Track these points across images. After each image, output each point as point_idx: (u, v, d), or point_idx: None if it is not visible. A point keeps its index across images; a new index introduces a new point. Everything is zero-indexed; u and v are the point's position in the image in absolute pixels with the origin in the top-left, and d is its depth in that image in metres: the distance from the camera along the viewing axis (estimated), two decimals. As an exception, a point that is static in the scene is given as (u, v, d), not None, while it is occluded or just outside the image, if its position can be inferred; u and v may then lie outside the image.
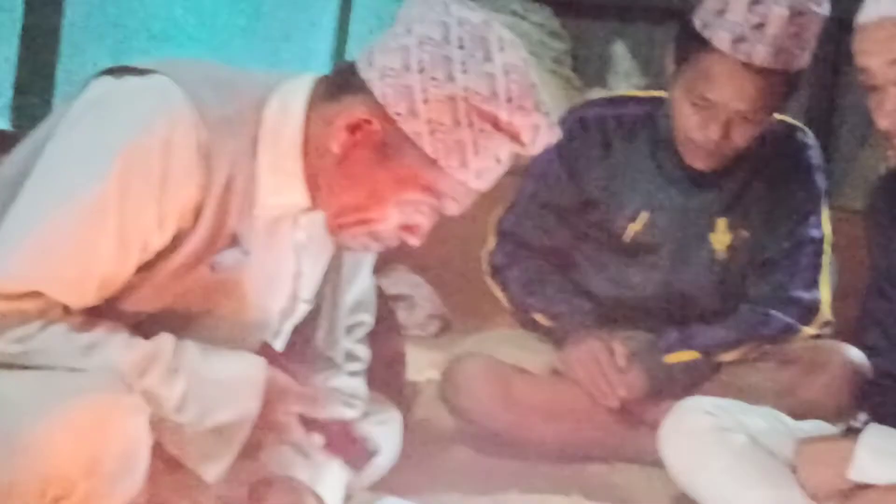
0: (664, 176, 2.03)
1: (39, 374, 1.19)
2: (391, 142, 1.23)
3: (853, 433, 1.54)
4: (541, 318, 2.06)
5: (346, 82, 1.27)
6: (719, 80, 1.82)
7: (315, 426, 1.35)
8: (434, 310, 2.99)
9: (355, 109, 1.24)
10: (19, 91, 1.93)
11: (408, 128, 1.22)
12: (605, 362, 1.96)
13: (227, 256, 1.28)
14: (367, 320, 1.62)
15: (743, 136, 1.89)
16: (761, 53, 1.79)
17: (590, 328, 2.02)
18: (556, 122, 1.29)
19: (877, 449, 1.47)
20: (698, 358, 1.99)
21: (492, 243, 2.15)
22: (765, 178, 2.02)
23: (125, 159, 1.19)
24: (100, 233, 1.20)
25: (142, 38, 2.07)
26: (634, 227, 2.04)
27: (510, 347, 2.04)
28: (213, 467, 1.29)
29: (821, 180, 2.05)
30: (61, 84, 1.92)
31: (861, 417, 1.72)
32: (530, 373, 2.01)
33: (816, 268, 2.02)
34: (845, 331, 2.00)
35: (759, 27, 1.78)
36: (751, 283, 2.05)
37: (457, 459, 1.96)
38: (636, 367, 1.97)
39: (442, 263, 3.02)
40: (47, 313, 1.21)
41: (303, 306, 1.45)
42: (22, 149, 1.32)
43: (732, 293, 2.07)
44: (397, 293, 2.97)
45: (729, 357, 2.00)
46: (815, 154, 2.06)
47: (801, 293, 2.01)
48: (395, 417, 1.73)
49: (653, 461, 1.84)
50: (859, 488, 1.49)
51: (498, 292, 2.13)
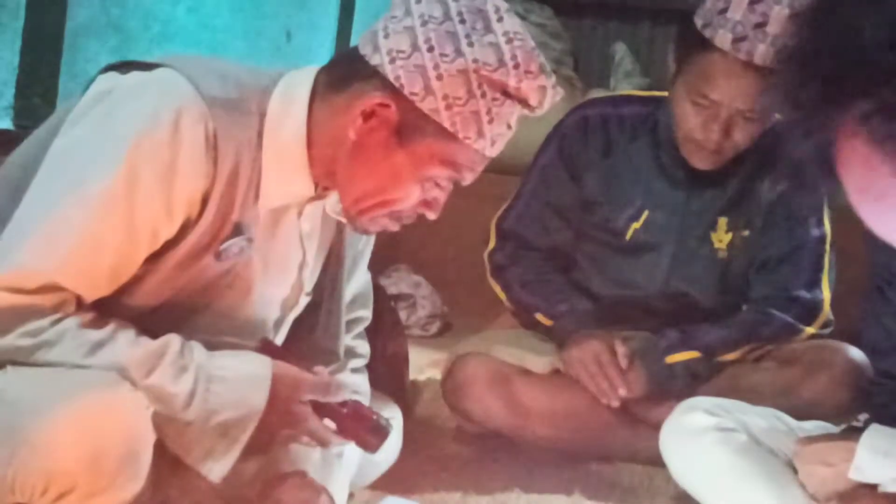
0: (665, 175, 2.03)
1: (43, 371, 1.20)
2: (408, 122, 1.26)
3: (854, 433, 1.54)
4: (542, 318, 2.06)
5: (351, 71, 1.29)
6: (720, 79, 1.82)
7: (326, 411, 1.34)
8: (435, 309, 2.99)
9: (370, 96, 1.26)
10: (21, 92, 1.93)
11: (425, 106, 1.25)
12: (607, 362, 1.96)
13: (231, 246, 1.30)
14: (365, 315, 1.64)
15: (744, 136, 1.89)
16: (762, 52, 1.79)
17: (591, 328, 2.02)
18: (558, 84, 1.32)
19: (877, 449, 1.47)
20: (699, 357, 1.99)
21: (493, 243, 2.16)
22: (766, 177, 2.02)
23: (135, 150, 1.21)
24: (111, 223, 1.21)
25: (144, 39, 2.06)
26: (635, 227, 2.04)
27: (511, 347, 2.04)
28: (216, 467, 1.30)
29: (822, 180, 2.04)
30: (64, 85, 1.92)
31: (862, 417, 1.72)
32: (532, 372, 2.02)
33: (818, 267, 2.03)
34: (846, 330, 2.01)
35: (759, 26, 1.78)
36: (752, 282, 2.06)
37: (458, 459, 1.96)
38: (637, 366, 1.98)
39: (443, 263, 3.02)
40: (60, 308, 1.22)
41: (305, 297, 1.47)
42: (26, 147, 1.33)
43: (733, 293, 2.08)
44: (398, 293, 2.98)
45: (730, 357, 2.01)
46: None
47: (803, 293, 2.02)
48: (396, 416, 1.73)
49: (654, 460, 1.84)
50: (860, 488, 1.49)
51: (499, 292, 2.13)
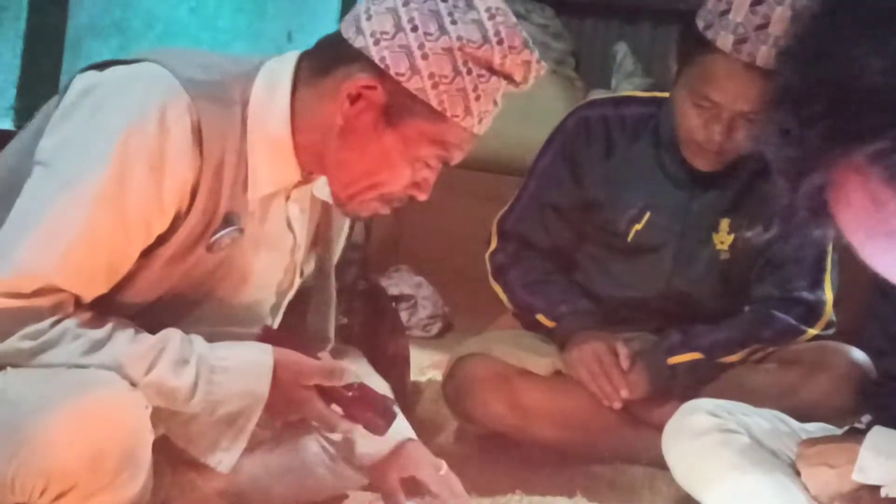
0: (667, 176, 2.03)
1: (43, 371, 1.20)
2: (396, 103, 1.27)
3: (857, 435, 1.54)
4: (543, 319, 2.06)
5: (335, 55, 1.29)
6: (722, 80, 1.82)
7: (332, 396, 1.34)
8: (436, 310, 2.99)
9: (355, 78, 1.26)
10: (23, 92, 1.93)
11: (411, 85, 1.25)
12: (608, 363, 1.96)
13: (223, 237, 1.30)
14: None
15: (745, 137, 1.89)
16: (763, 54, 1.78)
17: (592, 329, 2.02)
18: (543, 62, 1.33)
19: (880, 450, 1.47)
20: (701, 359, 1.98)
21: (494, 244, 2.15)
22: (768, 178, 2.01)
23: (124, 145, 1.20)
24: (105, 220, 1.21)
25: (146, 39, 2.07)
26: (637, 228, 2.04)
27: (512, 348, 2.04)
28: (225, 458, 1.30)
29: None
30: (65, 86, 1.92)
31: (865, 419, 1.72)
32: (533, 374, 2.01)
33: (820, 268, 2.02)
34: (848, 331, 2.00)
35: (761, 28, 1.78)
36: (754, 283, 2.06)
37: (459, 460, 1.95)
38: (639, 367, 1.97)
39: (444, 264, 3.02)
40: (59, 309, 1.22)
41: (299, 280, 1.47)
42: (9, 151, 1.33)
43: (736, 294, 2.08)
44: (399, 294, 2.98)
45: (732, 358, 2.00)
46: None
47: (805, 294, 2.01)
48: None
49: (656, 462, 1.84)
50: (863, 490, 1.49)
51: (500, 293, 2.13)
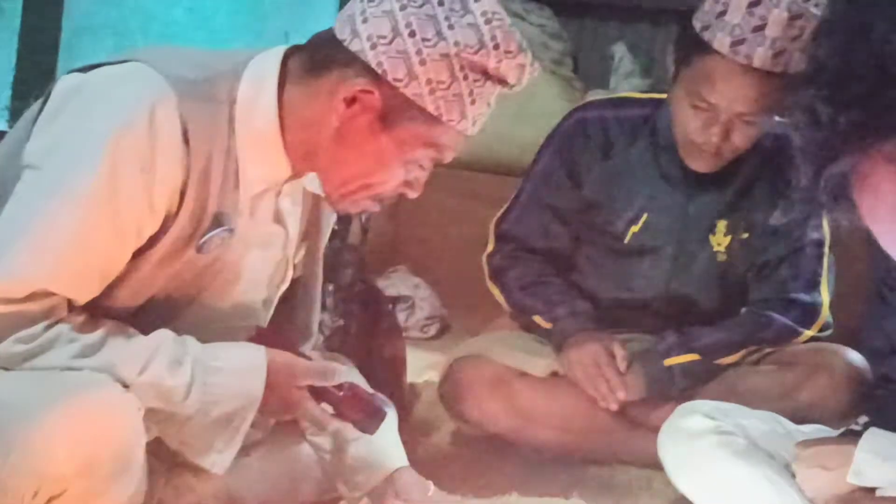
0: (665, 178, 2.02)
1: (35, 374, 1.20)
2: (392, 107, 1.27)
3: (853, 437, 1.54)
4: (540, 321, 2.06)
5: (329, 56, 1.29)
6: (719, 82, 1.82)
7: (322, 395, 1.34)
8: (434, 311, 2.99)
9: (351, 82, 1.26)
10: (18, 93, 1.93)
11: (409, 91, 1.26)
12: (605, 364, 1.96)
13: (212, 238, 1.30)
14: None
15: (743, 138, 1.88)
16: (761, 56, 1.78)
17: (590, 330, 2.02)
18: (535, 61, 1.33)
19: (876, 452, 1.47)
20: (698, 360, 1.98)
21: (491, 245, 2.15)
22: (765, 179, 2.02)
23: (113, 146, 1.20)
24: (97, 222, 1.21)
25: (141, 39, 2.06)
26: (634, 230, 2.04)
27: (510, 349, 2.03)
28: (220, 459, 1.30)
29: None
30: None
31: (861, 421, 1.72)
32: (530, 375, 2.01)
33: (817, 270, 2.02)
34: (845, 333, 2.00)
35: (758, 29, 1.78)
36: (751, 284, 2.05)
37: (456, 462, 1.95)
38: (636, 369, 1.97)
39: (442, 265, 3.02)
40: (52, 313, 1.22)
41: (291, 273, 1.48)
42: None
43: (733, 295, 2.07)
44: (397, 294, 2.97)
45: (729, 359, 2.00)
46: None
47: (802, 295, 2.01)
48: (391, 418, 1.73)
49: (652, 463, 1.84)
50: (858, 492, 1.49)
51: (497, 294, 2.13)
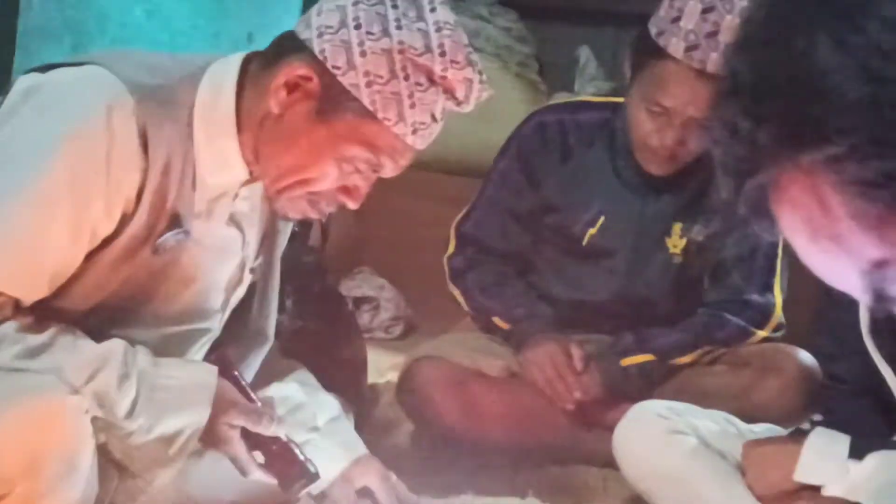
0: (621, 181, 2.05)
1: None
2: (330, 97, 1.27)
3: (801, 436, 1.56)
4: (499, 322, 2.08)
5: (280, 49, 1.30)
6: (674, 86, 1.84)
7: (256, 443, 1.34)
8: (398, 312, 2.99)
9: (294, 67, 1.27)
10: (-26, 93, 1.92)
11: (346, 80, 1.26)
12: (562, 365, 1.98)
13: (168, 238, 1.30)
14: None
15: (698, 142, 1.91)
16: (714, 61, 1.80)
17: (548, 331, 2.04)
18: (489, 81, 1.32)
19: (821, 451, 1.49)
20: (654, 360, 2.01)
21: (452, 247, 2.17)
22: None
23: (69, 149, 1.20)
24: (51, 224, 1.21)
25: (100, 40, 2.05)
26: (592, 232, 2.06)
27: (467, 350, 2.05)
28: (163, 473, 1.30)
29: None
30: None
31: (816, 419, 1.75)
32: (487, 376, 2.03)
33: (770, 271, 2.05)
34: (798, 334, 2.03)
35: (712, 35, 1.80)
36: (706, 286, 2.08)
37: (413, 462, 1.96)
38: (592, 369, 1.99)
39: (407, 266, 3.03)
40: None
41: (248, 276, 1.48)
42: None
43: (689, 296, 2.10)
44: (362, 295, 2.98)
45: (684, 360, 2.03)
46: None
47: (756, 296, 2.04)
48: (350, 418, 1.74)
49: (608, 463, 1.86)
50: (804, 490, 1.51)
51: (458, 296, 2.14)
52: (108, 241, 1.26)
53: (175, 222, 1.29)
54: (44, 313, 1.26)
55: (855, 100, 0.57)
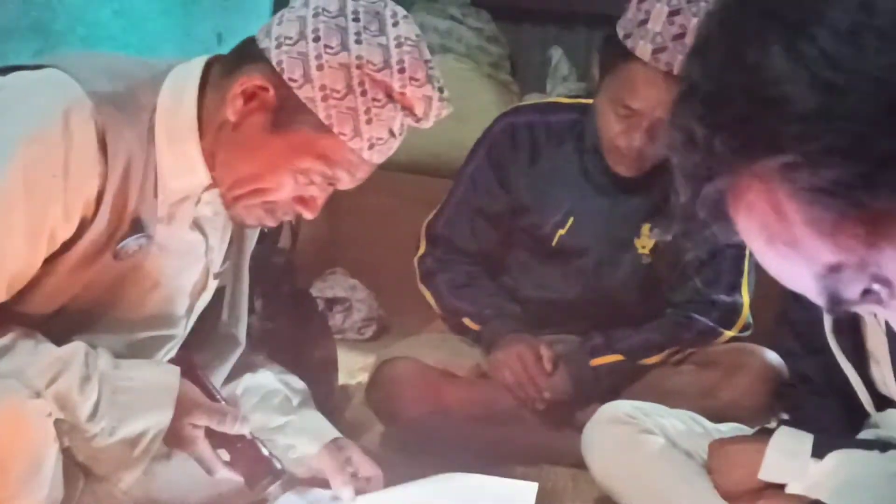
0: (591, 182, 2.06)
1: None
2: (286, 108, 1.26)
3: (766, 435, 1.58)
4: (469, 322, 2.09)
5: (241, 56, 1.30)
6: (641, 88, 1.85)
7: (222, 442, 1.35)
8: (371, 313, 2.99)
9: (251, 77, 1.26)
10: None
11: (302, 94, 1.25)
12: (532, 365, 1.99)
13: (130, 243, 1.29)
14: None
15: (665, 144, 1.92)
16: (681, 63, 1.81)
17: (517, 332, 2.04)
18: (449, 97, 1.31)
19: (785, 450, 1.51)
20: (622, 361, 2.02)
21: (422, 248, 2.17)
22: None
23: (26, 152, 1.19)
24: (8, 229, 1.20)
25: (67, 42, 2.03)
26: (561, 233, 2.07)
27: (436, 351, 2.05)
28: (126, 476, 1.30)
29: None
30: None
31: (783, 418, 1.76)
32: (457, 376, 2.03)
33: (738, 272, 2.07)
34: (765, 333, 2.05)
35: (678, 38, 1.81)
36: (674, 286, 2.10)
37: (382, 463, 1.96)
38: (562, 370, 2.00)
39: (379, 266, 3.03)
40: None
41: (213, 281, 1.47)
42: None
43: (658, 297, 2.11)
44: (334, 296, 2.97)
45: (652, 360, 2.04)
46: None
47: (723, 297, 2.06)
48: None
49: (579, 463, 1.86)
50: (769, 488, 1.53)
51: (428, 297, 2.15)
52: (68, 245, 1.25)
53: (137, 227, 1.29)
54: (4, 318, 1.25)
55: (807, 109, 0.58)
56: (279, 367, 1.63)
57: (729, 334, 2.05)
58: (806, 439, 1.50)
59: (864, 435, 1.56)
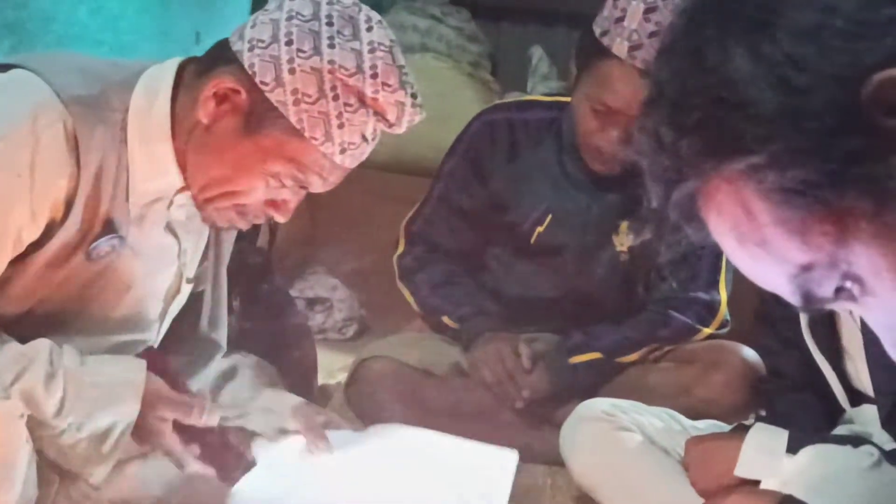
0: (568, 179, 2.06)
1: None
2: (258, 112, 1.26)
3: (742, 431, 1.58)
4: (448, 321, 2.08)
5: (216, 58, 1.29)
6: (618, 86, 1.85)
7: (192, 435, 1.34)
8: (352, 312, 2.98)
9: (223, 79, 1.26)
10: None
11: (274, 97, 1.24)
12: (511, 364, 1.99)
13: (102, 244, 1.29)
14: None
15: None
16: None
17: (496, 330, 2.04)
18: (421, 103, 1.30)
19: (761, 447, 1.51)
20: (601, 358, 2.02)
21: (402, 247, 2.17)
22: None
23: None
24: None
25: (43, 41, 2.01)
26: (540, 230, 2.07)
27: (415, 350, 2.05)
28: (97, 471, 1.29)
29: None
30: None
31: (759, 414, 1.77)
32: (436, 375, 2.03)
33: (715, 269, 2.08)
34: (743, 330, 2.06)
35: (655, 35, 1.81)
36: (652, 284, 2.10)
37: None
38: (540, 368, 2.01)
39: (360, 266, 3.02)
40: None
41: (186, 286, 1.46)
42: None
43: (636, 294, 2.12)
44: (315, 296, 2.96)
45: (631, 357, 2.04)
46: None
47: (701, 294, 2.06)
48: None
49: (557, 461, 1.87)
50: (744, 485, 1.53)
51: (407, 295, 2.15)
52: (38, 246, 1.24)
53: (109, 228, 1.28)
54: None
55: (771, 110, 0.59)
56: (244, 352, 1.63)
57: (707, 331, 2.05)
58: (781, 435, 1.50)
59: (838, 431, 1.57)
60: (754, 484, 1.52)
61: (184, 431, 1.33)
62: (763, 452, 1.50)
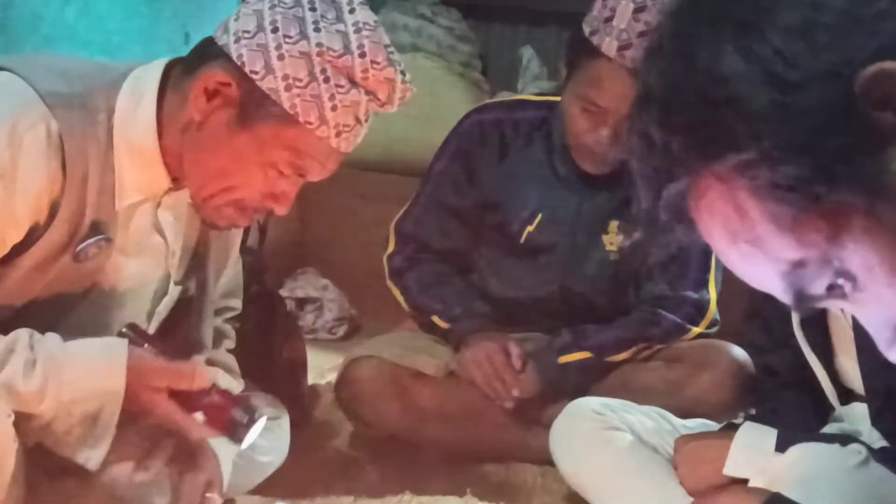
0: (558, 179, 2.06)
1: None
2: (250, 102, 1.26)
3: (731, 430, 1.59)
4: (438, 321, 2.08)
5: (202, 54, 1.29)
6: (607, 85, 1.86)
7: (192, 404, 1.32)
8: (342, 312, 2.98)
9: (213, 74, 1.26)
10: None
11: (265, 85, 1.24)
12: (500, 363, 1.99)
13: (89, 246, 1.28)
14: (236, 305, 1.70)
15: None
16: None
17: (486, 330, 2.04)
18: (410, 81, 1.30)
19: (749, 445, 1.52)
20: (591, 358, 2.02)
21: (392, 246, 2.17)
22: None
23: None
24: None
25: (30, 42, 2.00)
26: (530, 230, 2.07)
27: (405, 350, 2.05)
28: (93, 454, 1.29)
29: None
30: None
31: (751, 413, 1.77)
32: (425, 375, 2.03)
33: (704, 268, 2.08)
34: (732, 329, 2.06)
35: (644, 34, 1.82)
36: (642, 283, 2.10)
37: (352, 462, 1.96)
38: (530, 367, 2.00)
39: (350, 266, 3.02)
40: None
41: (174, 287, 1.46)
42: None
43: (626, 293, 2.12)
44: (305, 296, 2.96)
45: (620, 357, 2.04)
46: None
47: (690, 293, 2.07)
48: (283, 418, 1.74)
49: (546, 460, 1.87)
50: (733, 483, 1.54)
51: (398, 295, 2.15)
52: (24, 248, 1.24)
53: (96, 229, 1.28)
54: None
55: (762, 107, 0.59)
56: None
57: (696, 330, 2.06)
58: (769, 434, 1.51)
59: (828, 429, 1.58)
60: (743, 482, 1.53)
61: (181, 402, 1.31)
62: (751, 451, 1.51)
